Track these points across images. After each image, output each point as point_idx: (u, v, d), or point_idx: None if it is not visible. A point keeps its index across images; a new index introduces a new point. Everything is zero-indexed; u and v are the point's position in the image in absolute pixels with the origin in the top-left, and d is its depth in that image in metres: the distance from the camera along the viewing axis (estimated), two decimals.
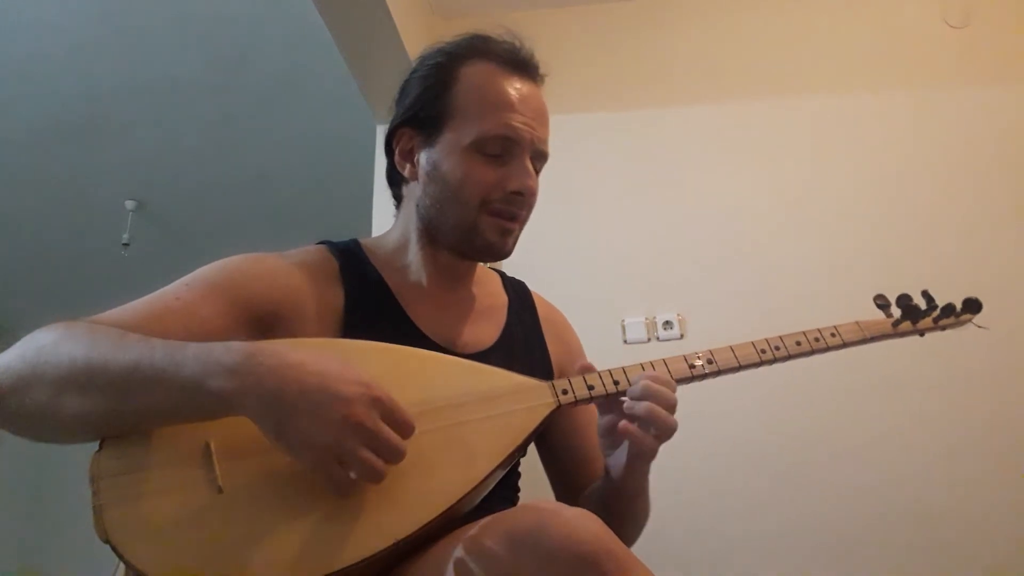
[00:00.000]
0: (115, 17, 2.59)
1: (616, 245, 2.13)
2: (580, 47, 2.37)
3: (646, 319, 2.02)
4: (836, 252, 2.02)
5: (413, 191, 0.94)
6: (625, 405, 0.78)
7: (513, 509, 0.66)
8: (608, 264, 2.11)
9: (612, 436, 0.82)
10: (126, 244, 3.71)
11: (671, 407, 0.77)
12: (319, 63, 2.69)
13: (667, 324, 1.99)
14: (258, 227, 3.95)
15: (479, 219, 0.89)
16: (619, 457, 0.81)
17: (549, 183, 2.16)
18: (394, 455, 0.66)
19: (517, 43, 0.95)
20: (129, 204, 3.70)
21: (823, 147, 2.17)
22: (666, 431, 0.76)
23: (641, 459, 0.79)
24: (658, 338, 1.97)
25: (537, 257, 2.13)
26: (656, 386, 0.77)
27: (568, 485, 1.00)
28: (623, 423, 0.76)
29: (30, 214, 3.78)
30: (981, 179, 2.06)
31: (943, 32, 2.22)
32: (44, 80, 2.88)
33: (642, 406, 0.76)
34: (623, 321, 2.02)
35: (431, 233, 0.93)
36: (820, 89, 2.23)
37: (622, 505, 0.87)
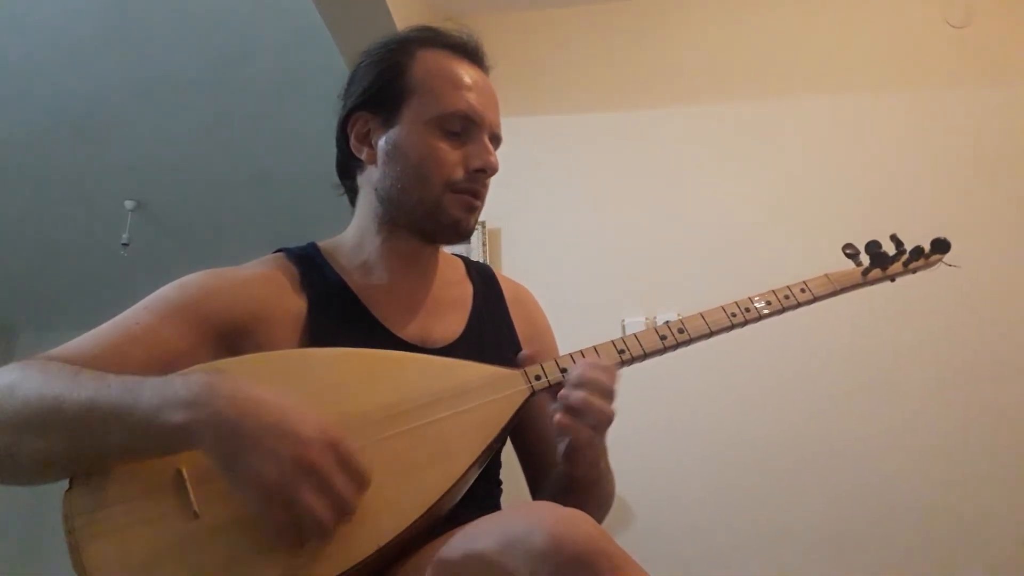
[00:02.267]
0: (114, 16, 2.59)
1: (616, 245, 2.13)
2: (580, 47, 2.37)
3: (646, 319, 2.02)
4: (837, 252, 2.01)
5: (370, 176, 0.93)
6: (560, 394, 0.76)
7: (504, 511, 0.65)
8: (608, 264, 2.11)
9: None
10: (125, 244, 3.71)
11: (608, 394, 0.75)
12: (318, 62, 2.69)
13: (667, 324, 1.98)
14: (257, 226, 3.94)
15: (443, 197, 0.88)
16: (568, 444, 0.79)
17: (549, 183, 2.17)
18: (343, 506, 0.64)
19: (465, 33, 0.95)
20: (128, 204, 3.70)
21: (824, 147, 2.16)
22: (602, 421, 0.74)
23: (582, 450, 0.77)
24: None
25: (537, 257, 2.13)
26: (591, 374, 0.75)
27: (539, 470, 0.99)
28: (558, 416, 0.74)
29: (30, 214, 3.78)
30: (982, 179, 2.06)
31: (944, 32, 2.21)
32: (43, 79, 2.87)
33: (576, 396, 0.74)
34: (623, 321, 2.02)
35: (392, 216, 0.91)
36: (821, 89, 2.22)
37: (580, 493, 0.85)
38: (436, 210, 0.89)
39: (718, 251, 2.08)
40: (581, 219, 2.17)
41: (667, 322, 0.86)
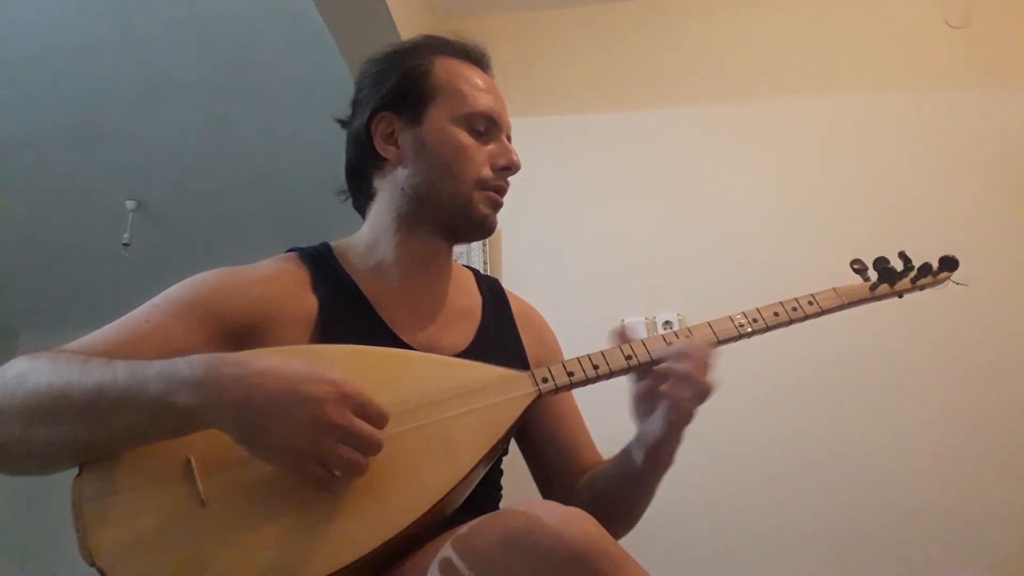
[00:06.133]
0: (115, 18, 2.59)
1: (616, 245, 2.13)
2: (580, 47, 2.37)
3: (646, 319, 2.02)
4: (837, 252, 2.00)
5: (395, 177, 0.94)
6: (663, 366, 0.77)
7: (505, 509, 0.65)
8: (608, 264, 2.11)
9: (647, 403, 0.81)
10: (126, 244, 3.71)
11: (708, 367, 0.78)
12: (319, 63, 2.69)
13: (667, 324, 1.99)
14: (258, 227, 3.95)
15: (473, 194, 0.91)
16: (653, 423, 0.80)
17: (549, 183, 2.18)
18: (371, 447, 0.66)
19: (471, 42, 0.99)
20: (129, 204, 3.70)
21: (823, 147, 2.17)
22: (703, 391, 0.77)
23: (679, 424, 0.79)
24: None
25: (538, 257, 2.13)
26: (694, 348, 0.78)
27: (554, 476, 0.99)
28: (666, 385, 0.76)
29: (31, 214, 3.79)
30: (982, 179, 2.06)
31: (943, 32, 2.22)
32: (45, 81, 2.88)
33: (682, 366, 0.76)
34: (623, 321, 2.02)
35: (419, 214, 0.92)
36: (820, 89, 2.23)
37: (644, 479, 0.86)
38: (466, 207, 0.91)
39: (717, 251, 2.08)
40: (581, 219, 2.17)
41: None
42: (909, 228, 2.03)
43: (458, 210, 0.91)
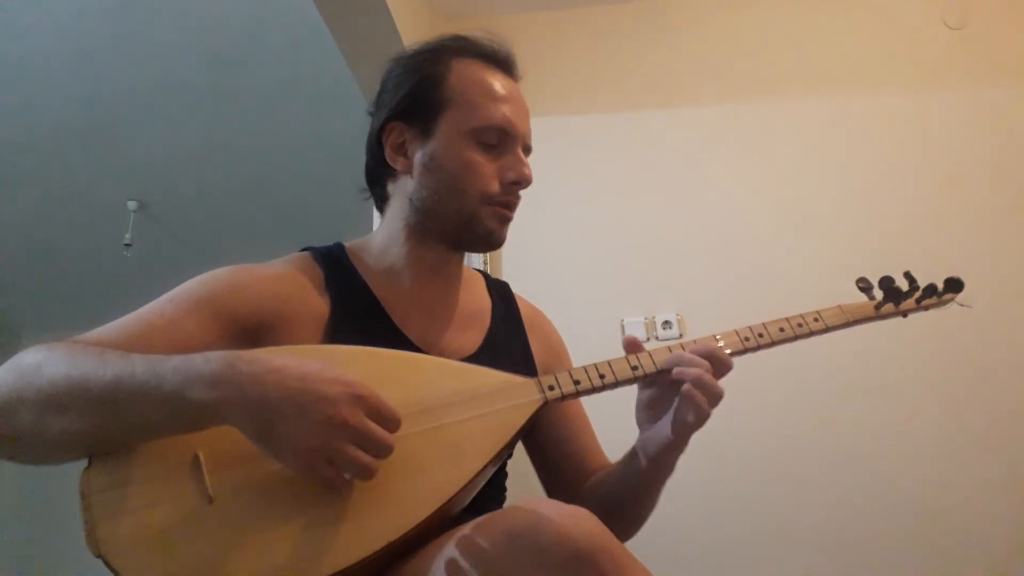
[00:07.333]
0: (117, 20, 2.60)
1: (615, 245, 2.13)
2: (580, 49, 2.38)
3: (645, 319, 2.02)
4: (835, 252, 2.02)
5: (404, 186, 0.94)
6: (675, 372, 0.78)
7: (508, 507, 0.65)
8: (607, 264, 2.11)
9: (652, 410, 0.82)
10: (128, 244, 3.72)
11: (719, 372, 0.79)
12: (319, 64, 2.70)
13: (666, 324, 1.99)
14: (259, 227, 3.95)
15: (480, 209, 0.90)
16: (660, 430, 0.81)
17: (549, 183, 2.18)
18: (382, 449, 0.67)
19: (496, 42, 0.96)
20: (131, 205, 3.71)
21: (822, 147, 2.17)
22: (716, 396, 0.77)
23: (692, 428, 0.79)
24: (657, 337, 1.97)
25: (537, 257, 2.14)
26: (706, 353, 0.80)
27: (561, 479, 1.00)
28: (686, 387, 0.76)
29: (33, 215, 3.79)
30: (980, 179, 2.07)
31: (942, 33, 2.22)
32: (47, 82, 2.89)
33: (693, 372, 0.77)
34: (622, 321, 2.03)
35: (425, 225, 0.92)
36: (819, 90, 2.23)
37: (648, 485, 0.87)
38: (472, 221, 0.90)
39: (717, 251, 2.08)
40: (581, 219, 2.18)
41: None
42: (907, 227, 2.03)
43: (464, 224, 0.90)
